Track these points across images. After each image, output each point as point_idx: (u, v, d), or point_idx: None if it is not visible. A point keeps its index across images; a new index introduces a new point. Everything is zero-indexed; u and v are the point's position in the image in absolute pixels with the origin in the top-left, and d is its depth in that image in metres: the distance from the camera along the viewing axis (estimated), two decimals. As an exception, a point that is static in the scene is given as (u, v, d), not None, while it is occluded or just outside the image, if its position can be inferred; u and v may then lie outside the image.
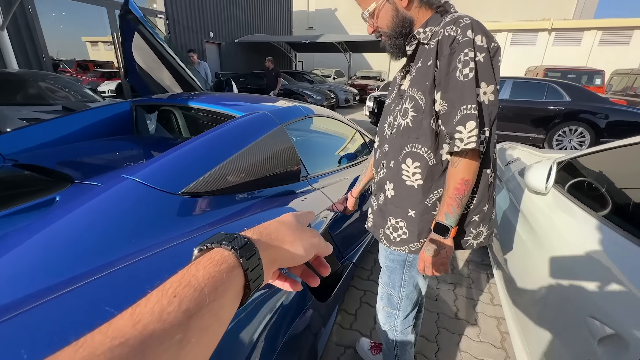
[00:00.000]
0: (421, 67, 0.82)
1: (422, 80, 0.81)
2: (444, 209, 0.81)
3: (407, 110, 0.85)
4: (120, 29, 2.21)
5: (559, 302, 1.13)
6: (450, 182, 0.80)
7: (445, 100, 0.78)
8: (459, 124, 0.75)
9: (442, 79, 0.77)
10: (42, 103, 3.84)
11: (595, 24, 14.18)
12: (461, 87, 0.74)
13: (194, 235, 0.80)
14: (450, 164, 0.81)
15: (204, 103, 1.62)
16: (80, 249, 0.66)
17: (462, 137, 0.74)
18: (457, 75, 0.75)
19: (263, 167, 1.12)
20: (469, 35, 0.73)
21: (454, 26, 0.75)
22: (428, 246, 0.84)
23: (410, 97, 0.84)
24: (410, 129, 0.85)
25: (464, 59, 0.73)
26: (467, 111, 0.73)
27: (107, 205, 0.77)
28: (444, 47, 0.76)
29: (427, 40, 0.82)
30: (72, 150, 1.38)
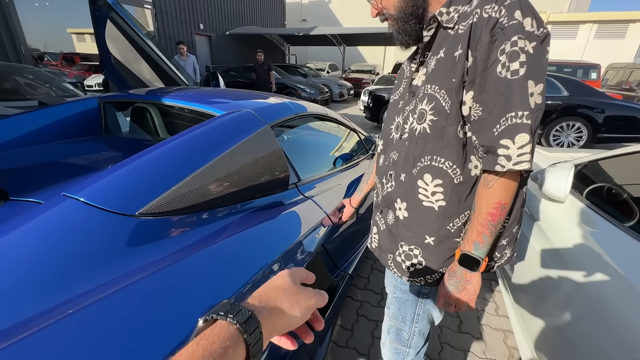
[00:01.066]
0: (444, 58, 0.64)
1: (446, 75, 0.63)
2: (473, 236, 0.65)
3: (424, 113, 0.67)
4: (92, 17, 2.00)
5: (584, 325, 1.00)
6: (483, 205, 0.63)
7: (480, 103, 0.60)
8: (504, 137, 0.57)
9: (478, 75, 0.59)
10: (17, 98, 3.59)
11: (591, 17, 14.15)
12: (506, 87, 0.56)
13: (156, 268, 0.64)
14: (483, 182, 0.64)
15: (181, 100, 1.44)
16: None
17: (510, 155, 0.57)
18: (499, 71, 0.57)
19: (245, 175, 0.95)
20: (517, 18, 0.55)
21: (495, 5, 0.57)
22: (450, 280, 0.69)
23: (429, 96, 0.66)
24: (428, 137, 0.67)
25: (511, 50, 0.55)
26: (516, 120, 0.56)
27: (40, 234, 0.60)
28: (481, 32, 0.57)
29: (452, 23, 0.63)
30: (17, 156, 1.18)
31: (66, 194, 0.67)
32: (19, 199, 0.79)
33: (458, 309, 0.71)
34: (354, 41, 14.56)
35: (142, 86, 2.34)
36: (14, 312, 0.50)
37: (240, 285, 0.70)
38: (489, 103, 0.59)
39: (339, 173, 1.60)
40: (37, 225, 0.62)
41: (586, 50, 14.35)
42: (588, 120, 5.18)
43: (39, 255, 0.57)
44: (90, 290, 0.55)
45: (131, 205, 0.70)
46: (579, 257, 1.13)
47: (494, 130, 0.58)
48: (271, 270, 0.81)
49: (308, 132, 1.83)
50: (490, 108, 0.59)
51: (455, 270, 0.68)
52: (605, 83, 10.60)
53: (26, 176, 1.03)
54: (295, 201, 1.13)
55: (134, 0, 8.79)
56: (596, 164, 1.33)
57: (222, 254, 0.75)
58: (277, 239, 0.92)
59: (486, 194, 0.63)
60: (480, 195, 0.64)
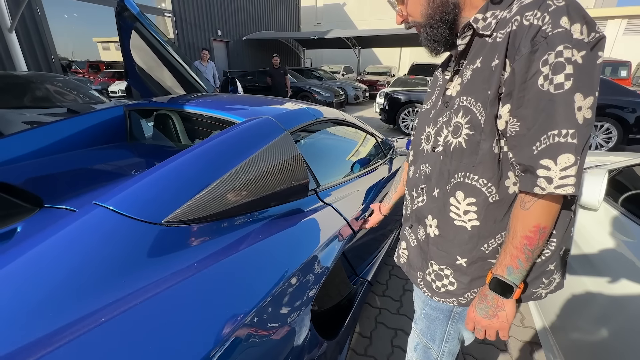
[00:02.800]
0: (481, 68, 0.59)
1: (482, 86, 0.58)
2: (507, 260, 0.60)
3: (460, 126, 0.62)
4: (118, 28, 2.08)
5: (620, 341, 0.94)
6: (519, 228, 0.58)
7: (518, 118, 0.55)
8: (545, 156, 0.52)
9: (516, 88, 0.54)
10: (47, 106, 3.79)
11: (620, 12, 13.47)
12: (549, 102, 0.50)
13: (182, 277, 0.65)
14: (520, 202, 0.58)
15: (202, 107, 1.47)
16: (24, 309, 0.51)
17: (552, 177, 0.52)
18: (541, 84, 0.51)
19: (266, 183, 0.96)
20: (564, 25, 0.49)
21: (538, 11, 0.51)
22: (481, 304, 0.64)
23: (465, 109, 0.61)
24: (463, 152, 0.62)
25: (556, 61, 0.49)
26: (559, 138, 0.50)
27: (74, 242, 0.63)
28: (520, 41, 0.52)
29: (489, 30, 0.58)
30: (50, 163, 1.24)
31: (97, 203, 0.70)
32: (53, 206, 0.83)
33: (489, 337, 0.66)
34: (369, 43, 14.48)
35: (164, 93, 2.41)
36: (53, 318, 0.51)
37: (263, 294, 0.70)
38: (528, 118, 0.53)
39: (357, 178, 1.58)
40: (71, 234, 0.64)
41: (615, 46, 13.66)
42: (618, 120, 4.92)
43: (75, 262, 0.59)
44: (121, 298, 0.57)
45: (158, 214, 0.71)
46: (615, 269, 1.06)
47: (534, 148, 0.53)
48: (295, 279, 0.81)
49: (326, 137, 1.83)
50: (529, 124, 0.53)
51: (486, 294, 0.63)
52: (637, 81, 10.04)
53: (58, 183, 1.07)
54: (315, 208, 1.13)
55: (155, 10, 9.13)
56: (632, 169, 1.25)
57: (246, 262, 0.75)
58: (299, 247, 0.91)
59: (522, 215, 0.57)
60: (516, 216, 0.59)
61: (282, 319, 0.75)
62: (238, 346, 0.61)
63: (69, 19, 13.62)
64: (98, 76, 12.55)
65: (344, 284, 1.30)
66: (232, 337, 0.60)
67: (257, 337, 0.67)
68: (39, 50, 6.46)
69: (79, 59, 14.42)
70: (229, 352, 0.59)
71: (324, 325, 1.05)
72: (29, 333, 0.49)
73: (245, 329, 0.64)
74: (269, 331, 0.70)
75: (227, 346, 0.59)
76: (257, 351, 0.66)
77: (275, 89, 6.87)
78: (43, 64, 6.54)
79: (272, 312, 0.72)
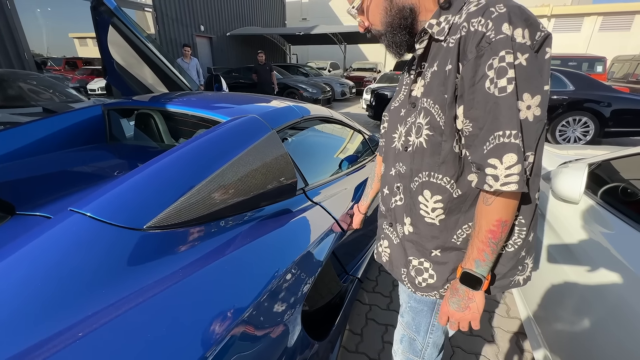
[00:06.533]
0: (437, 71, 0.62)
1: (439, 89, 0.61)
2: (475, 254, 0.63)
3: (421, 127, 0.66)
4: (94, 23, 1.99)
5: (600, 328, 0.98)
6: (483, 223, 0.61)
7: (470, 119, 0.58)
8: (491, 156, 0.55)
9: (466, 90, 0.57)
10: (21, 105, 3.61)
11: (596, 9, 13.94)
12: (494, 105, 0.54)
13: (166, 284, 0.63)
14: (483, 199, 0.61)
15: (185, 106, 1.42)
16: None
17: (497, 175, 0.55)
18: (488, 87, 0.54)
19: (252, 183, 0.94)
20: (505, 32, 0.52)
21: (482, 18, 0.53)
22: (453, 298, 0.68)
23: (425, 110, 0.64)
24: (424, 151, 0.66)
25: (499, 66, 0.52)
26: (504, 139, 0.53)
27: (47, 252, 0.59)
28: (467, 47, 0.55)
29: (443, 35, 0.60)
30: (23, 167, 1.17)
31: (73, 209, 0.66)
32: (25, 213, 0.78)
33: (462, 328, 0.70)
34: (355, 39, 14.46)
35: (146, 91, 2.33)
36: (22, 334, 0.48)
37: (252, 298, 0.69)
38: (479, 119, 0.57)
39: (346, 176, 1.58)
40: (45, 243, 0.60)
41: (591, 43, 14.14)
42: (595, 114, 5.10)
43: (47, 274, 0.56)
44: (100, 310, 0.54)
45: (139, 219, 0.68)
46: (595, 259, 1.10)
47: (484, 147, 0.56)
48: (284, 280, 0.79)
49: (313, 135, 1.81)
50: (480, 124, 0.57)
51: (457, 289, 0.67)
52: (612, 76, 10.43)
53: (32, 188, 1.02)
54: (304, 207, 1.12)
55: (135, 4, 8.81)
56: (610, 163, 1.29)
57: (234, 266, 0.73)
58: (288, 248, 0.90)
59: (486, 211, 0.60)
60: (480, 212, 0.62)
61: (272, 322, 0.73)
62: (226, 354, 0.60)
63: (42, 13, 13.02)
64: (75, 73, 12.08)
65: (334, 283, 1.30)
66: (220, 345, 0.58)
67: (247, 343, 0.66)
68: (10, 47, 6.14)
69: (55, 55, 13.81)
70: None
71: (315, 326, 1.05)
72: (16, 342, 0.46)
73: (234, 336, 0.62)
74: (259, 336, 0.69)
75: (215, 354, 0.57)
76: (247, 357, 0.65)
77: (261, 85, 6.77)
78: (15, 61, 6.22)
79: (262, 316, 0.70)
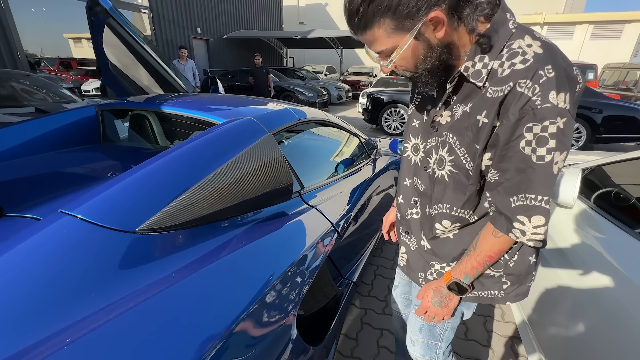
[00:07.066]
0: (469, 114, 0.61)
1: (469, 135, 0.61)
2: (467, 269, 0.71)
3: (444, 161, 0.68)
4: (89, 23, 1.97)
5: (595, 332, 0.98)
6: (485, 249, 0.67)
7: (498, 170, 0.60)
8: (520, 213, 0.59)
9: (500, 146, 0.58)
10: (13, 105, 3.56)
11: (587, 18, 14.23)
12: (530, 169, 0.55)
13: (159, 288, 0.61)
14: (492, 231, 0.66)
15: (181, 107, 1.41)
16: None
17: (525, 230, 0.60)
18: (523, 146, 0.54)
19: (248, 186, 0.93)
20: (552, 100, 0.51)
21: (530, 82, 0.51)
22: (435, 298, 0.78)
23: (449, 147, 0.65)
24: (446, 185, 0.69)
25: (541, 134, 0.52)
26: (535, 202, 0.57)
27: (36, 255, 0.58)
28: (510, 107, 0.54)
29: (480, 79, 0.57)
30: (13, 167, 1.15)
31: (63, 211, 0.65)
32: (14, 215, 0.76)
33: (436, 321, 0.81)
34: (351, 44, 14.54)
35: (141, 92, 2.32)
36: (8, 339, 0.47)
37: (247, 302, 0.68)
38: (508, 172, 0.58)
39: (342, 179, 1.58)
40: (34, 245, 0.59)
41: (582, 50, 14.42)
42: (586, 120, 5.18)
43: (36, 278, 0.54)
44: (88, 315, 0.53)
45: (131, 221, 0.67)
46: (589, 263, 1.11)
47: (511, 200, 0.59)
48: (279, 285, 0.78)
49: (309, 138, 1.81)
50: (508, 176, 0.58)
51: (442, 291, 0.76)
52: (602, 83, 10.64)
53: (22, 189, 1.00)
54: (299, 211, 1.11)
55: (131, 5, 8.78)
56: (602, 168, 1.31)
57: (229, 269, 0.72)
58: (284, 251, 0.89)
59: (492, 242, 0.66)
60: (486, 240, 0.67)
61: (267, 327, 0.72)
62: (220, 359, 0.58)
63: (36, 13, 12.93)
64: (70, 74, 11.93)
65: (329, 287, 1.29)
66: (214, 351, 0.57)
67: (241, 348, 0.64)
68: (3, 46, 6.07)
69: (49, 55, 13.66)
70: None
71: (310, 330, 1.03)
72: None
73: (228, 341, 0.61)
74: (254, 341, 0.68)
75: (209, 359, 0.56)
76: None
77: (257, 88, 6.77)
78: (8, 61, 6.15)
79: (257, 321, 0.69)
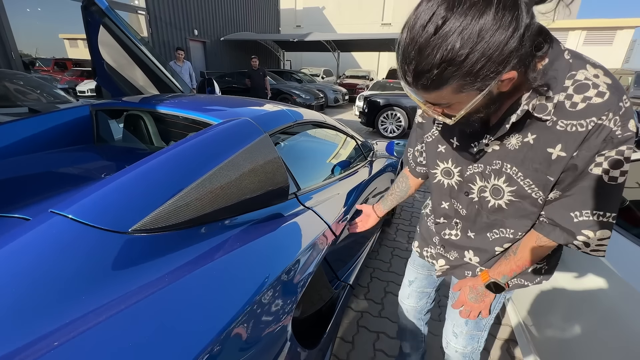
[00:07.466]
0: (533, 146, 0.62)
1: (537, 167, 0.63)
2: (505, 271, 0.76)
3: (501, 191, 0.71)
4: (85, 23, 1.96)
5: (590, 333, 0.99)
6: (526, 255, 0.73)
7: (562, 191, 0.64)
8: (587, 228, 0.62)
9: (575, 174, 0.60)
10: (6, 105, 3.51)
11: (580, 24, 14.46)
12: (600, 188, 0.59)
13: (151, 290, 0.60)
14: (536, 240, 0.71)
15: (176, 108, 1.40)
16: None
17: (589, 242, 0.63)
18: (596, 172, 0.58)
19: (244, 186, 0.92)
20: (631, 129, 0.54)
21: (612, 114, 0.54)
22: (471, 294, 0.83)
23: (508, 177, 0.68)
24: (505, 212, 0.73)
25: (616, 158, 0.56)
26: (603, 219, 0.60)
27: (24, 255, 0.56)
28: (590, 140, 0.56)
29: (546, 113, 0.58)
30: (3, 167, 1.12)
31: (53, 211, 0.63)
32: (3, 214, 0.75)
33: (472, 317, 0.85)
34: (348, 47, 14.66)
35: (136, 93, 2.30)
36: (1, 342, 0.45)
37: (242, 304, 0.66)
38: (572, 189, 0.62)
39: (338, 181, 1.57)
40: (23, 246, 0.57)
41: (575, 56, 14.63)
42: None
43: (25, 279, 0.52)
44: (78, 317, 0.51)
45: (123, 222, 0.66)
46: (584, 266, 1.11)
47: (572, 215, 0.63)
48: (275, 286, 0.77)
49: (306, 139, 1.80)
50: (570, 193, 0.62)
51: (478, 289, 0.81)
52: (595, 88, 10.80)
53: (12, 189, 0.97)
54: (296, 212, 1.10)
55: (127, 7, 8.75)
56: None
57: (223, 271, 0.71)
58: (280, 253, 0.88)
59: (535, 250, 0.71)
60: (528, 247, 0.72)
61: (262, 330, 0.71)
62: (213, 363, 0.57)
63: (32, 13, 12.84)
64: (64, 74, 11.85)
65: (326, 289, 1.28)
66: (208, 354, 0.56)
67: (236, 351, 0.63)
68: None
69: (44, 56, 13.56)
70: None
71: (306, 333, 1.02)
72: None
73: (222, 343, 0.60)
74: (249, 344, 0.66)
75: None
76: None
77: (254, 90, 6.77)
78: (2, 61, 6.09)
79: (252, 323, 0.68)
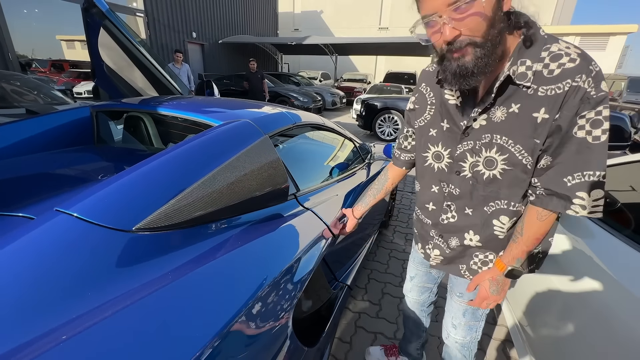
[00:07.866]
0: (519, 115, 0.68)
1: (523, 133, 0.68)
2: (518, 254, 0.77)
3: (494, 161, 0.74)
4: (85, 25, 1.97)
5: (584, 334, 1.00)
6: (532, 233, 0.75)
7: (552, 156, 0.68)
8: (580, 190, 0.66)
9: (560, 134, 0.65)
10: (3, 106, 3.50)
11: (574, 30, 14.67)
12: (587, 149, 0.64)
13: (154, 287, 0.61)
14: (537, 215, 0.74)
15: (176, 109, 1.41)
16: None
17: (585, 205, 0.67)
18: (581, 135, 0.63)
19: (245, 187, 0.93)
20: (604, 89, 0.61)
21: (584, 75, 0.61)
22: (492, 287, 0.83)
23: (499, 147, 0.72)
24: (500, 183, 0.76)
25: (596, 119, 0.62)
26: (594, 178, 0.64)
27: (31, 253, 0.57)
28: (569, 101, 0.62)
29: (526, 80, 0.65)
30: (6, 167, 1.13)
31: (59, 209, 0.64)
32: (7, 213, 0.75)
33: (489, 307, 0.87)
34: (346, 51, 14.76)
35: (135, 94, 2.31)
36: (6, 338, 0.46)
37: (243, 302, 0.68)
38: (562, 155, 0.66)
39: (337, 183, 1.59)
40: (28, 244, 0.58)
41: (570, 61, 14.82)
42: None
43: (31, 276, 0.53)
44: (83, 314, 0.52)
45: (128, 220, 0.67)
46: (578, 267, 1.13)
47: (565, 180, 0.66)
48: (275, 286, 0.78)
49: (305, 141, 1.82)
50: (562, 159, 0.66)
51: (498, 279, 0.82)
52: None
53: (15, 189, 0.98)
54: (295, 213, 1.11)
55: (126, 9, 8.77)
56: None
57: (224, 270, 0.72)
58: (279, 253, 0.89)
59: (538, 225, 0.74)
60: (531, 224, 0.75)
61: (263, 328, 0.72)
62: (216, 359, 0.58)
63: (29, 14, 12.82)
64: (62, 76, 11.79)
65: (324, 290, 1.29)
66: (210, 351, 0.57)
67: (238, 348, 0.64)
68: (-6, 47, 5.99)
69: (41, 57, 13.50)
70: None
71: (305, 333, 1.03)
72: None
73: (224, 340, 0.61)
74: (250, 342, 0.68)
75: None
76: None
77: (252, 93, 6.79)
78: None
79: (253, 322, 0.69)
